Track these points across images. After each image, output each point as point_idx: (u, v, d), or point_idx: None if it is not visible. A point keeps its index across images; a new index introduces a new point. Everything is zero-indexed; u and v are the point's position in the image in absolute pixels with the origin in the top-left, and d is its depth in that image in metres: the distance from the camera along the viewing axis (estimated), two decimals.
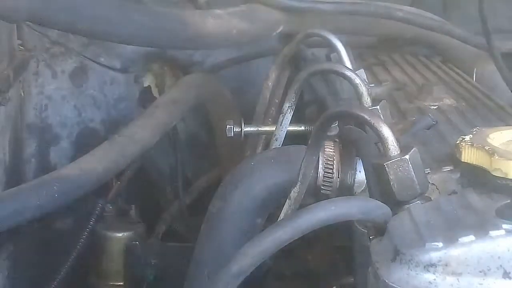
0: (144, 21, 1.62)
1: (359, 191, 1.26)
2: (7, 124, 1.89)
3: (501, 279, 0.86)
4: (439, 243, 0.87)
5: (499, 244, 0.86)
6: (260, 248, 0.94)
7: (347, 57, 1.59)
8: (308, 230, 0.94)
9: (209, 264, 1.34)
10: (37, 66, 2.16)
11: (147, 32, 1.64)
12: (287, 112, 1.47)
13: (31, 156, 2.15)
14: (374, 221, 0.98)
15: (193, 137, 2.41)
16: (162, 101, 1.94)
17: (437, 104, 1.57)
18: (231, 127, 1.57)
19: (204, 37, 1.72)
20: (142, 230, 2.01)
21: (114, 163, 1.67)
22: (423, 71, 1.94)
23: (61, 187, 1.51)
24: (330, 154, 1.27)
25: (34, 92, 2.16)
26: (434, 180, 1.14)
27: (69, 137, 2.23)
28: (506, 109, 1.56)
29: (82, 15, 1.53)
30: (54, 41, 2.16)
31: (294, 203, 1.20)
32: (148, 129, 1.81)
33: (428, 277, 0.87)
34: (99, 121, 2.27)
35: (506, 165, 0.99)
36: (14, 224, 1.48)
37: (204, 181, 2.33)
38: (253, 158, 1.44)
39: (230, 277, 0.94)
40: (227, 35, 1.75)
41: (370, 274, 0.93)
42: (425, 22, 1.99)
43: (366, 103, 1.33)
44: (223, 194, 1.35)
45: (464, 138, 1.10)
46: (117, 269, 1.97)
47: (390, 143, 1.03)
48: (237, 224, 1.34)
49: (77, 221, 2.16)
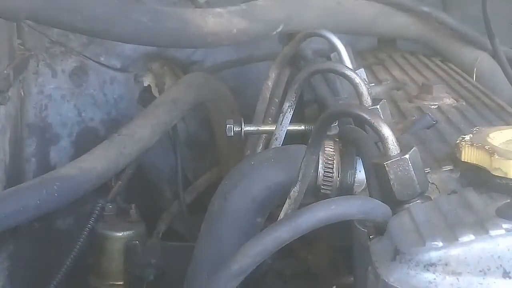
0: (144, 20, 1.61)
1: (359, 190, 1.26)
2: (7, 123, 1.89)
3: (501, 279, 0.86)
4: (439, 242, 0.87)
5: (499, 244, 0.86)
6: (260, 248, 0.94)
7: (347, 56, 1.59)
8: (308, 229, 0.94)
9: (209, 264, 1.34)
10: (37, 66, 2.16)
11: (147, 31, 1.64)
12: (287, 112, 1.47)
13: (31, 155, 2.15)
14: (374, 220, 0.98)
15: (193, 137, 2.41)
16: (162, 101, 1.94)
17: (437, 103, 1.57)
18: (231, 126, 1.57)
19: (205, 36, 1.72)
20: (142, 230, 2.01)
21: (113, 162, 1.67)
22: (423, 70, 1.94)
23: (61, 187, 1.51)
24: (330, 153, 1.27)
25: (34, 92, 2.16)
26: (434, 179, 1.14)
27: (69, 137, 2.23)
28: (506, 108, 1.56)
29: (82, 14, 1.53)
30: (54, 41, 2.16)
31: (294, 202, 1.20)
32: (148, 128, 1.81)
33: (428, 276, 0.87)
34: (99, 121, 2.27)
35: (506, 165, 0.99)
36: (14, 223, 1.48)
37: (204, 181, 2.33)
38: (253, 157, 1.44)
39: (230, 277, 0.94)
40: (228, 34, 1.75)
41: (370, 273, 0.93)
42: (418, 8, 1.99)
43: (366, 102, 1.33)
44: (223, 193, 1.35)
45: (464, 138, 1.10)
46: (117, 269, 1.96)
47: (390, 142, 1.03)
48: (237, 224, 1.34)
49: (77, 221, 2.16)
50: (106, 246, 1.97)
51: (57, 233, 2.18)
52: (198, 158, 2.41)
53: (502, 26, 1.79)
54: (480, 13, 1.70)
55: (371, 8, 1.99)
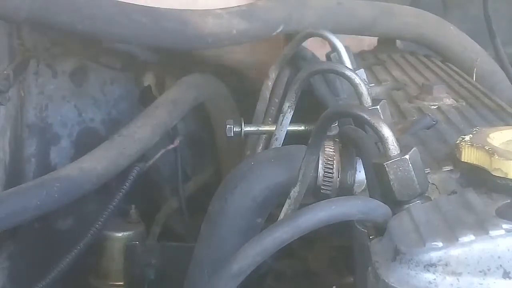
0: (144, 21, 1.62)
1: (359, 191, 1.26)
2: (7, 124, 1.89)
3: (501, 279, 0.86)
4: (439, 243, 0.87)
5: (499, 244, 0.86)
6: (260, 248, 0.94)
7: (347, 57, 1.59)
8: (308, 230, 0.94)
9: (209, 264, 1.34)
10: (37, 66, 2.16)
11: (147, 32, 1.64)
12: (287, 112, 1.47)
13: (31, 156, 2.15)
14: (374, 221, 0.98)
15: (193, 137, 2.41)
16: (162, 101, 1.94)
17: (437, 104, 1.57)
18: (231, 126, 1.57)
19: (205, 37, 1.72)
20: (142, 230, 2.01)
21: (113, 163, 1.68)
22: (423, 71, 1.94)
23: (61, 187, 1.51)
24: (330, 154, 1.27)
25: (34, 92, 2.15)
26: (434, 180, 1.14)
27: (69, 137, 2.23)
28: (506, 108, 1.56)
29: (82, 15, 1.53)
30: (54, 41, 2.16)
31: (294, 203, 1.20)
32: (148, 129, 1.81)
33: (428, 277, 0.87)
34: (99, 121, 2.27)
35: (506, 165, 0.99)
36: (14, 224, 1.48)
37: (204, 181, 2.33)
38: (253, 158, 1.44)
39: (230, 277, 0.94)
40: (228, 35, 1.75)
41: (370, 274, 0.93)
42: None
43: (366, 103, 1.33)
44: (223, 194, 1.35)
45: (464, 138, 1.10)
46: (117, 269, 1.97)
47: (390, 142, 1.03)
48: (237, 224, 1.34)
49: (77, 221, 2.16)
50: (106, 246, 1.97)
51: (57, 233, 2.18)
52: (198, 158, 2.41)
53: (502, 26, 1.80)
54: (480, 13, 1.70)
55: (371, 8, 1.99)
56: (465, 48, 2.01)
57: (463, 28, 2.03)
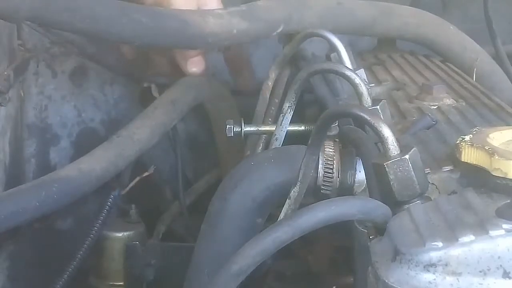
0: (144, 21, 1.61)
1: (359, 191, 1.26)
2: (7, 124, 1.89)
3: (501, 279, 0.86)
4: (439, 243, 0.87)
5: (499, 244, 0.86)
6: (260, 249, 0.94)
7: (347, 57, 1.59)
8: (308, 230, 0.94)
9: (209, 264, 1.34)
10: (37, 66, 2.16)
11: (147, 32, 1.63)
12: (287, 112, 1.47)
13: (31, 156, 2.15)
14: (374, 221, 0.98)
15: (193, 137, 2.41)
16: (161, 102, 1.94)
17: (437, 104, 1.57)
18: (231, 127, 1.57)
19: (205, 36, 1.72)
20: (142, 230, 2.01)
21: (113, 164, 1.67)
22: (423, 71, 1.94)
23: (60, 188, 1.51)
24: (330, 154, 1.27)
25: (34, 92, 2.16)
26: (434, 180, 1.14)
27: (69, 137, 2.23)
28: (506, 108, 1.56)
29: (82, 15, 1.53)
30: (54, 41, 2.16)
31: (294, 203, 1.20)
32: (147, 129, 1.81)
33: (428, 277, 0.87)
34: (99, 121, 2.27)
35: (506, 165, 0.99)
36: (13, 225, 1.47)
37: (204, 181, 2.32)
38: (253, 158, 1.44)
39: (230, 277, 0.94)
40: (228, 34, 1.75)
41: (370, 274, 0.93)
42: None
43: (366, 103, 1.33)
44: (223, 194, 1.35)
45: (464, 138, 1.10)
46: (117, 269, 1.96)
47: (390, 143, 1.03)
48: (237, 224, 1.34)
49: (77, 222, 2.16)
50: (106, 246, 1.97)
51: (57, 234, 2.18)
52: (198, 158, 2.40)
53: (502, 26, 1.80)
54: (480, 13, 1.70)
55: (371, 8, 1.99)
56: (465, 48, 2.01)
57: (463, 28, 2.03)
